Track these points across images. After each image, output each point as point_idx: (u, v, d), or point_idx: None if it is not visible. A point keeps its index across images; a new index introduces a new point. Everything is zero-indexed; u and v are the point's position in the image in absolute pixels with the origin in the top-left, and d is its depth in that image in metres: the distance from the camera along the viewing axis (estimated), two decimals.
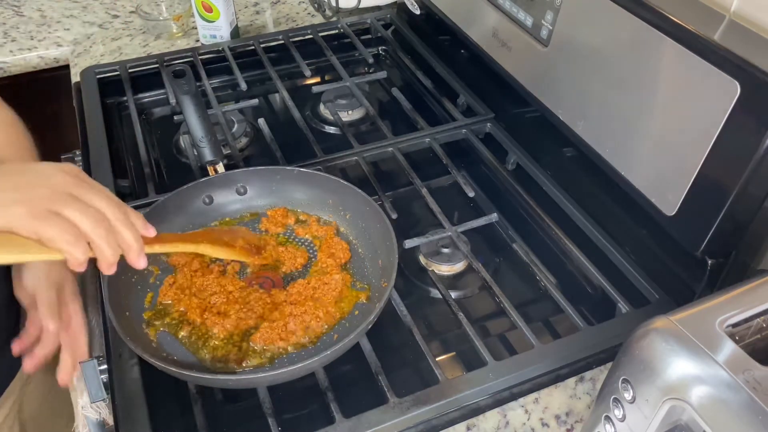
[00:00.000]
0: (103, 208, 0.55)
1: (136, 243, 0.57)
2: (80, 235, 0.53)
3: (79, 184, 0.55)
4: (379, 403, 0.66)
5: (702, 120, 0.65)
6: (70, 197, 0.53)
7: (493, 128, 1.04)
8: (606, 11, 0.74)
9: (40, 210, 0.52)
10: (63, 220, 0.52)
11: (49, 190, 0.53)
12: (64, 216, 0.52)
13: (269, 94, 1.21)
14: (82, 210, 0.53)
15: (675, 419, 0.48)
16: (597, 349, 0.72)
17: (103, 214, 0.55)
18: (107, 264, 0.55)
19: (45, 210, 0.52)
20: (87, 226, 0.53)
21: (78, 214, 0.53)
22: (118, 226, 0.55)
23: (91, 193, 0.55)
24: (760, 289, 0.51)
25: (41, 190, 0.53)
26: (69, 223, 0.52)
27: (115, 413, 0.66)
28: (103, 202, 0.55)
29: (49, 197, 0.52)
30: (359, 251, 0.82)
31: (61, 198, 0.53)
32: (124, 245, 0.56)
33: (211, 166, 0.85)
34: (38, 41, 1.32)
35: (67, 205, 0.53)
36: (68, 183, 0.54)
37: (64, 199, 0.53)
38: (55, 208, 0.52)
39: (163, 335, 0.72)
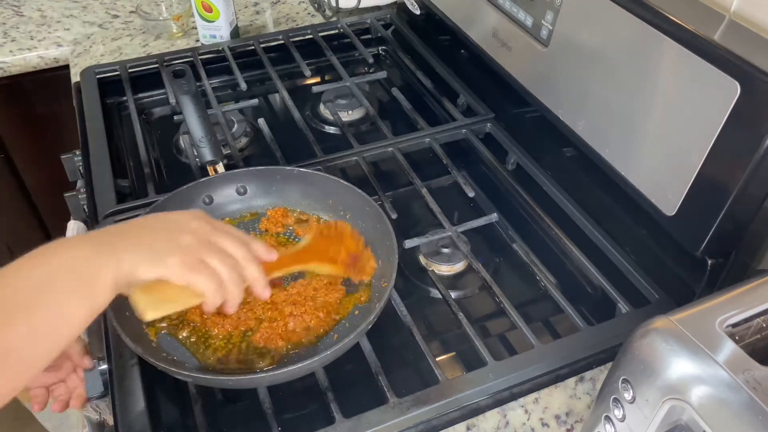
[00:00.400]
0: (232, 249, 0.59)
1: (261, 277, 0.61)
2: (222, 282, 0.57)
3: (212, 230, 0.59)
4: (379, 403, 0.66)
5: (702, 120, 0.65)
6: (210, 245, 0.58)
7: (493, 128, 1.04)
8: (606, 11, 0.74)
9: (191, 260, 0.56)
10: (209, 269, 0.56)
11: (193, 237, 0.57)
12: (208, 264, 0.56)
13: (269, 94, 1.21)
14: (221, 259, 0.57)
15: (675, 419, 0.48)
16: (597, 349, 0.72)
17: (234, 258, 0.59)
18: (233, 304, 0.59)
19: (195, 259, 0.56)
20: (224, 272, 0.57)
21: (218, 263, 0.57)
22: (245, 264, 0.59)
23: (222, 237, 0.59)
24: (760, 289, 0.51)
25: (187, 239, 0.57)
26: (213, 271, 0.57)
27: (115, 413, 0.66)
28: (233, 243, 0.59)
29: (196, 246, 0.57)
30: (370, 259, 0.81)
31: (204, 246, 0.57)
32: (252, 281, 0.60)
33: (211, 166, 0.85)
34: (38, 41, 1.32)
35: (210, 253, 0.57)
36: (205, 230, 0.59)
37: (208, 248, 0.57)
38: (202, 257, 0.56)
39: (164, 336, 0.72)
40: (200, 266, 0.56)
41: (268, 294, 0.62)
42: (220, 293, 0.57)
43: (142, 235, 0.57)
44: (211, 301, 0.57)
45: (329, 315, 0.74)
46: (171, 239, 0.57)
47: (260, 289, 0.61)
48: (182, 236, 0.57)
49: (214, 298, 0.57)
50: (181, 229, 0.58)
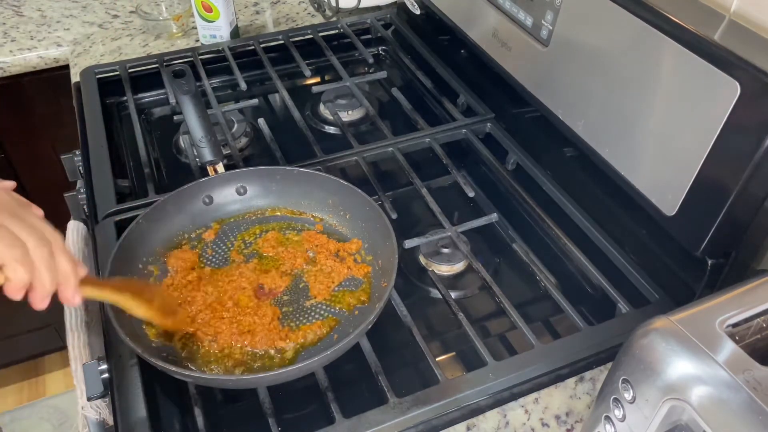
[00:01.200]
0: (45, 231, 0.50)
1: (74, 276, 0.51)
2: (27, 253, 0.48)
3: (20, 203, 0.51)
4: (379, 403, 0.66)
5: (702, 120, 0.65)
6: (15, 215, 0.49)
7: (493, 128, 1.04)
8: (606, 11, 0.74)
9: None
10: (11, 234, 0.48)
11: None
12: (10, 231, 0.48)
13: (269, 94, 1.21)
14: (27, 227, 0.49)
15: (675, 419, 0.48)
16: (597, 349, 0.72)
17: (46, 238, 0.50)
18: (43, 293, 0.50)
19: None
20: (31, 245, 0.48)
21: (23, 231, 0.48)
22: (58, 252, 0.51)
23: (32, 215, 0.51)
24: (760, 289, 0.51)
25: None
26: (17, 238, 0.48)
27: (115, 413, 0.66)
28: (45, 226, 0.51)
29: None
30: (359, 251, 0.82)
31: (7, 214, 0.49)
32: (62, 276, 0.51)
33: (211, 166, 0.85)
34: (38, 41, 1.32)
35: (13, 221, 0.49)
36: (11, 202, 0.51)
37: (11, 215, 0.49)
38: (5, 223, 0.48)
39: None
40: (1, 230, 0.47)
41: (78, 301, 0.53)
42: (24, 265, 0.48)
43: None
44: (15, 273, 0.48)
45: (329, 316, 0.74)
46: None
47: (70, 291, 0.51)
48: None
49: (17, 271, 0.48)
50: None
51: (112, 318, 0.66)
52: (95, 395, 0.69)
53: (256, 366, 0.69)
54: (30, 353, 1.85)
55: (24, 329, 1.73)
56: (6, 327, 1.70)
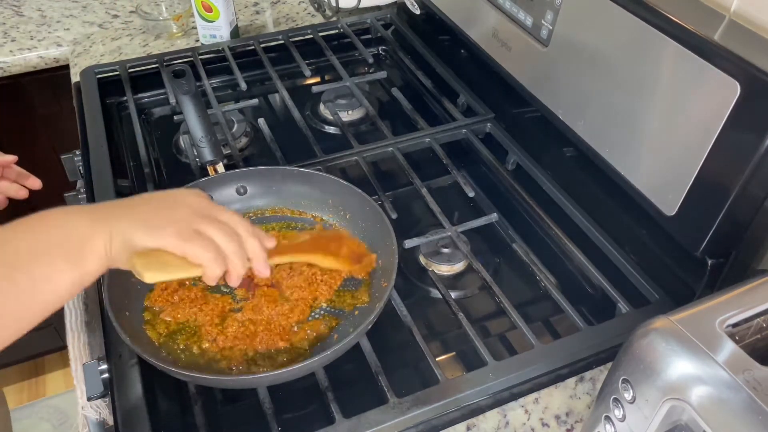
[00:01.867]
0: (233, 224, 0.59)
1: (261, 253, 0.60)
2: (219, 251, 0.57)
3: (209, 204, 0.60)
4: (379, 403, 0.66)
5: (702, 120, 0.65)
6: (207, 217, 0.58)
7: (493, 128, 1.04)
8: (606, 11, 0.74)
9: (186, 231, 0.56)
10: (205, 238, 0.56)
11: (190, 210, 0.58)
12: (204, 234, 0.57)
13: (269, 94, 1.21)
14: (217, 227, 0.57)
15: (675, 419, 0.48)
16: (597, 349, 0.72)
17: (234, 230, 0.59)
18: (237, 276, 0.59)
19: (190, 230, 0.56)
20: (222, 243, 0.57)
21: (215, 232, 0.57)
22: (246, 238, 0.59)
23: (222, 212, 0.59)
24: (760, 289, 0.51)
25: (183, 211, 0.57)
26: (209, 240, 0.56)
27: (115, 413, 0.66)
28: (233, 218, 0.60)
29: (191, 218, 0.57)
30: (372, 257, 0.81)
31: (200, 218, 0.57)
32: (252, 255, 0.60)
33: (211, 166, 0.85)
34: (38, 41, 1.32)
35: (206, 224, 0.57)
36: (202, 204, 0.59)
37: (203, 219, 0.57)
38: (197, 227, 0.56)
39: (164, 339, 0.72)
40: (195, 236, 0.56)
41: (268, 272, 0.61)
42: (218, 263, 0.56)
43: (139, 206, 0.57)
44: (210, 271, 0.56)
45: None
46: (166, 211, 0.57)
47: (261, 265, 0.61)
48: (178, 209, 0.57)
49: (212, 269, 0.56)
50: (177, 202, 0.59)
51: (112, 318, 0.66)
52: (95, 395, 0.69)
53: (256, 366, 0.69)
54: (30, 353, 1.85)
55: None
56: None
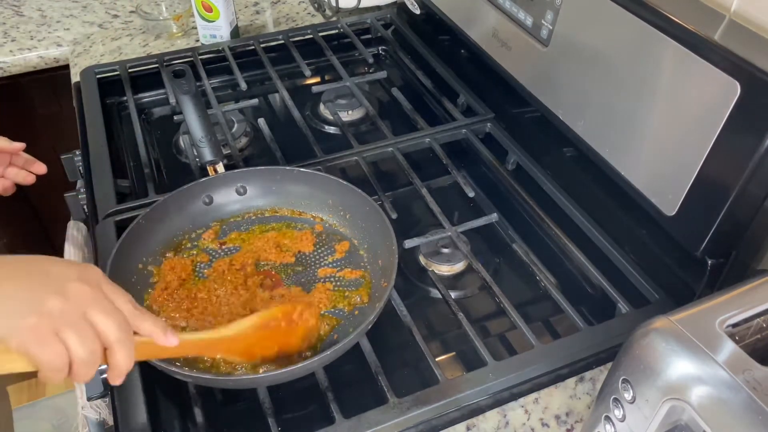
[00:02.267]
0: (108, 328, 0.50)
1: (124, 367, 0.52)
2: (67, 363, 0.49)
3: (94, 298, 0.50)
4: (379, 403, 0.66)
5: (702, 120, 0.65)
6: (78, 318, 0.49)
7: (493, 128, 1.04)
8: (606, 11, 0.74)
9: (45, 332, 0.47)
10: (60, 347, 0.48)
11: (64, 304, 0.48)
12: (62, 340, 0.48)
13: (269, 94, 1.21)
14: (82, 340, 0.49)
15: (675, 419, 0.48)
16: (597, 349, 0.72)
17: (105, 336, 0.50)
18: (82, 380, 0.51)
19: (50, 332, 0.48)
20: (79, 356, 0.49)
21: (77, 345, 0.49)
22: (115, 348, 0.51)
23: (102, 313, 0.50)
24: (760, 289, 0.51)
25: (55, 303, 0.48)
26: (64, 350, 0.48)
27: (115, 413, 0.66)
28: (111, 320, 0.51)
29: (60, 316, 0.48)
30: (359, 251, 0.82)
31: (71, 318, 0.49)
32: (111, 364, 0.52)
33: (211, 166, 0.85)
34: (38, 41, 1.32)
35: (72, 329, 0.48)
36: (85, 297, 0.50)
37: (72, 322, 0.49)
38: (60, 332, 0.48)
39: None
40: (49, 340, 0.47)
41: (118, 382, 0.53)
42: (58, 373, 0.49)
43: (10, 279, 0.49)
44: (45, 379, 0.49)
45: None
46: (36, 297, 0.48)
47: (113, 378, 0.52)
48: (51, 298, 0.48)
49: (49, 377, 0.49)
50: (56, 286, 0.49)
51: None
52: (95, 395, 0.69)
53: (256, 366, 0.69)
54: None
55: None
56: None
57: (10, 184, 0.85)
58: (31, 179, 0.85)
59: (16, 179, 0.85)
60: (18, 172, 0.84)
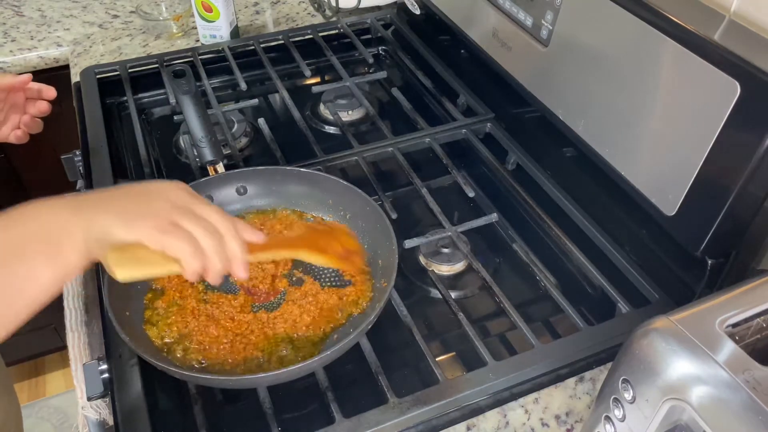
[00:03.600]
0: (214, 220, 0.57)
1: (241, 254, 0.58)
2: (198, 246, 0.55)
3: (191, 198, 0.58)
4: (379, 403, 0.66)
5: (702, 120, 0.65)
6: (187, 211, 0.56)
7: (493, 128, 1.04)
8: (606, 11, 0.74)
9: (164, 224, 0.54)
10: (184, 232, 0.55)
11: (169, 204, 0.56)
12: (183, 228, 0.55)
13: (269, 94, 1.21)
14: (197, 222, 0.56)
15: (675, 419, 0.48)
16: (597, 349, 0.72)
17: (214, 227, 0.57)
18: (215, 273, 0.57)
19: (168, 223, 0.55)
20: (201, 238, 0.55)
21: (195, 227, 0.55)
22: (227, 237, 0.58)
23: (202, 207, 0.58)
24: (760, 289, 0.51)
25: (162, 204, 0.56)
26: (188, 234, 0.55)
27: (115, 413, 0.66)
28: (216, 215, 0.58)
29: (170, 211, 0.55)
30: (365, 255, 0.81)
31: (179, 211, 0.56)
32: (231, 255, 0.58)
33: (211, 166, 0.85)
34: (38, 41, 1.32)
35: (185, 218, 0.56)
36: (183, 197, 0.58)
37: (183, 213, 0.56)
38: (176, 221, 0.55)
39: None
40: (173, 229, 0.54)
41: (245, 276, 0.59)
42: (197, 259, 0.55)
43: (117, 198, 0.56)
44: (189, 266, 0.55)
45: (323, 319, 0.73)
46: (145, 203, 0.56)
47: (238, 268, 0.58)
48: (156, 201, 0.56)
49: (191, 264, 0.55)
50: (157, 194, 0.57)
51: (112, 318, 0.66)
52: (95, 395, 0.69)
53: (256, 366, 0.69)
54: (30, 353, 1.85)
55: (24, 329, 1.72)
56: None
57: (21, 133, 0.86)
58: (45, 107, 0.86)
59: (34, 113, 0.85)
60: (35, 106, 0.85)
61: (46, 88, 0.86)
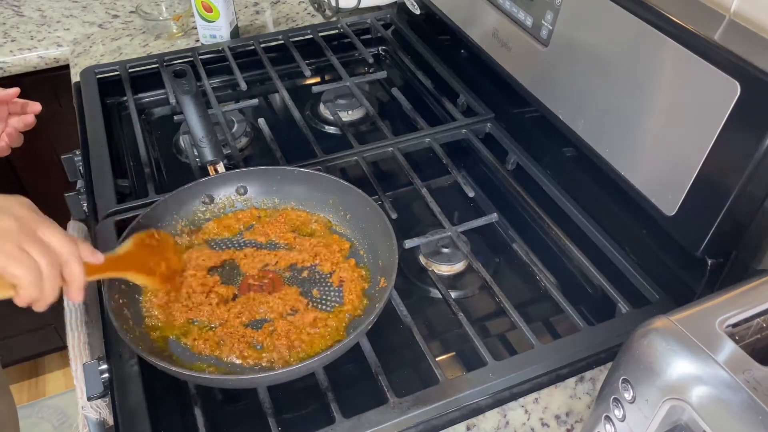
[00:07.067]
0: (57, 243, 0.56)
1: (80, 278, 0.57)
2: (41, 275, 0.53)
3: (38, 219, 0.56)
4: (379, 403, 0.66)
5: (702, 120, 0.65)
6: (33, 235, 0.54)
7: (493, 128, 1.04)
8: (606, 11, 0.74)
9: (11, 246, 0.52)
10: (29, 260, 0.53)
11: (17, 224, 0.53)
12: (29, 255, 0.53)
13: (269, 94, 1.21)
14: (42, 250, 0.54)
15: (675, 419, 0.48)
16: (597, 349, 0.72)
17: (57, 254, 0.56)
18: (45, 304, 0.56)
19: (16, 246, 0.52)
20: (44, 268, 0.54)
21: (39, 255, 0.54)
22: (70, 260, 0.56)
23: (45, 229, 0.56)
24: (760, 289, 0.51)
25: (9, 224, 0.53)
26: (33, 262, 0.53)
27: (115, 413, 0.66)
28: (60, 238, 0.56)
29: (17, 234, 0.53)
30: (360, 251, 0.82)
31: (27, 236, 0.53)
32: (69, 279, 0.57)
33: (212, 166, 0.85)
34: (38, 41, 1.32)
35: (32, 244, 0.53)
36: (31, 218, 0.55)
37: (29, 237, 0.54)
38: (24, 245, 0.53)
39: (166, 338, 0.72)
40: (21, 255, 0.53)
41: (80, 299, 0.58)
42: (36, 288, 0.54)
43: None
44: (26, 294, 0.54)
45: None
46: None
47: (74, 292, 0.57)
48: (4, 221, 0.53)
49: (29, 292, 0.53)
50: (4, 213, 0.54)
51: (112, 318, 0.66)
52: (95, 395, 0.69)
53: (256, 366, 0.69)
54: (30, 353, 1.85)
55: (24, 329, 1.73)
56: (6, 327, 1.70)
57: (3, 145, 0.84)
58: (31, 120, 0.85)
59: (18, 126, 0.84)
60: (19, 119, 0.84)
61: (32, 103, 0.86)
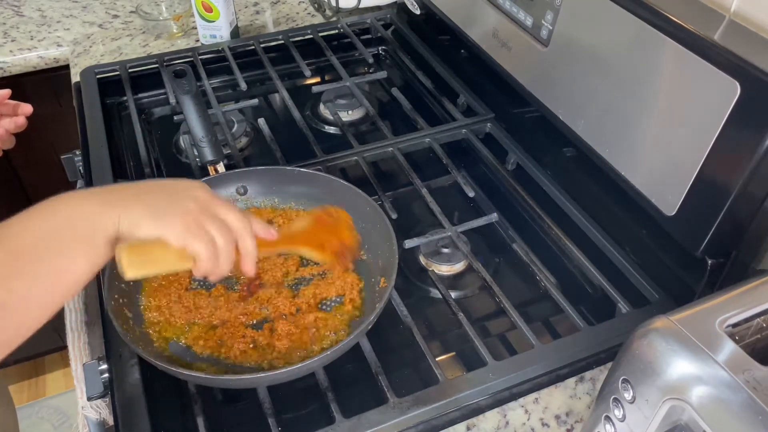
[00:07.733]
0: (233, 221, 0.59)
1: (253, 252, 0.61)
2: (216, 250, 0.57)
3: (213, 199, 0.60)
4: (379, 403, 0.66)
5: (702, 120, 0.65)
6: (211, 213, 0.58)
7: (493, 128, 1.04)
8: (606, 11, 0.74)
9: (191, 223, 0.56)
10: (207, 235, 0.57)
11: (196, 204, 0.57)
12: (207, 230, 0.57)
13: (269, 94, 1.21)
14: (219, 226, 0.58)
15: (675, 419, 0.48)
16: (597, 349, 0.72)
17: (231, 228, 0.59)
18: (219, 277, 0.59)
19: (195, 223, 0.56)
20: (220, 243, 0.57)
21: (216, 231, 0.57)
22: (243, 235, 0.60)
23: (222, 208, 0.59)
24: (760, 289, 0.51)
25: (190, 204, 0.57)
26: (211, 237, 0.57)
27: (115, 413, 0.66)
28: (234, 215, 0.60)
29: (198, 212, 0.57)
30: (359, 251, 0.81)
31: (206, 214, 0.57)
32: (244, 252, 0.60)
33: (212, 166, 0.86)
34: (38, 41, 1.32)
35: (210, 220, 0.57)
36: (209, 199, 0.59)
37: (207, 215, 0.57)
38: (203, 223, 0.57)
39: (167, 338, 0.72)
40: (200, 231, 0.56)
41: (253, 272, 0.62)
42: (212, 262, 0.57)
43: (148, 194, 0.57)
44: (203, 267, 0.57)
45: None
46: (176, 201, 0.57)
47: (248, 264, 0.61)
48: (186, 201, 0.57)
49: (207, 266, 0.57)
50: (186, 194, 0.58)
51: (112, 318, 0.66)
52: (95, 395, 0.69)
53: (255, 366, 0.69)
54: (30, 353, 1.85)
55: None
56: None
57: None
58: (22, 122, 0.85)
59: (9, 128, 0.84)
60: (10, 121, 0.84)
61: (24, 104, 0.86)
